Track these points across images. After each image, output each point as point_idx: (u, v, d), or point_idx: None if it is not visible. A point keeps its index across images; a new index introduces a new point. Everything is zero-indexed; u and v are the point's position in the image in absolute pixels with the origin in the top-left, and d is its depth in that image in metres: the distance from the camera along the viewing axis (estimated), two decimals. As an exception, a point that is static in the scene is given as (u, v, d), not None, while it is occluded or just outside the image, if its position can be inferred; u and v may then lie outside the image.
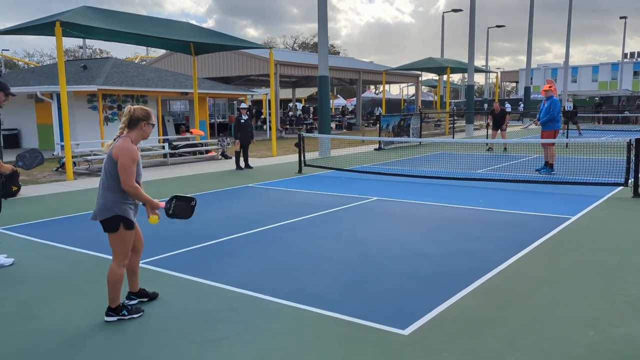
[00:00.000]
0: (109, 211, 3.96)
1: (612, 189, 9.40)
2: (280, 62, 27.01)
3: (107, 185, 3.97)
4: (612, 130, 27.00)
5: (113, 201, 3.96)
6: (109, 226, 4.00)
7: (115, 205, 3.97)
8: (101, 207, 3.97)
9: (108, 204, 3.96)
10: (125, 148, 3.92)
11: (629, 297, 4.42)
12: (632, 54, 71.91)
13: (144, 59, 43.99)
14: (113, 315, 4.08)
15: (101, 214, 3.98)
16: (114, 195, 3.97)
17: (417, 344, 3.61)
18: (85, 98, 19.14)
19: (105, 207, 3.96)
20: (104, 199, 3.97)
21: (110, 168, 3.95)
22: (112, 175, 3.95)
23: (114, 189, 3.96)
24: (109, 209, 3.96)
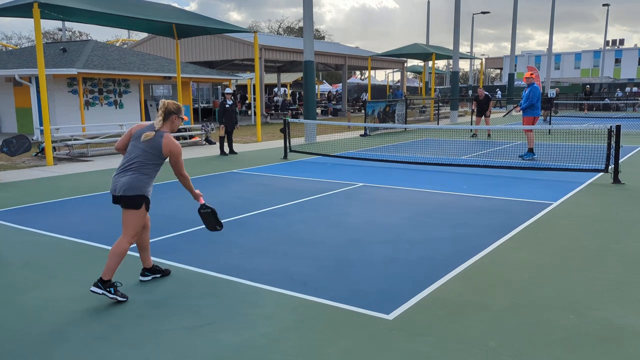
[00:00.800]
0: (137, 190, 4.23)
1: (592, 175, 9.54)
2: (265, 47, 26.75)
3: (143, 169, 4.26)
4: (593, 117, 27.32)
5: (144, 183, 4.27)
6: (133, 203, 4.24)
7: (144, 187, 4.28)
8: (130, 185, 4.20)
9: (139, 184, 4.24)
10: (174, 145, 4.31)
11: (608, 281, 4.50)
12: (613, 42, 72.69)
13: (125, 42, 43.23)
14: (101, 288, 4.12)
15: (130, 191, 4.20)
16: (147, 178, 4.28)
17: (401, 329, 3.64)
18: (65, 82, 18.78)
19: (135, 186, 4.22)
20: (136, 179, 4.22)
21: (154, 158, 4.29)
22: (152, 163, 4.29)
23: (148, 174, 4.29)
24: (138, 188, 4.23)
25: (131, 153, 4.31)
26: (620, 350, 3.31)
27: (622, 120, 23.08)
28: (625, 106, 34.59)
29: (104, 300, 4.18)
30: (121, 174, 4.27)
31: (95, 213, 7.25)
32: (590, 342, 3.42)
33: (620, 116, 27.91)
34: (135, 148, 4.29)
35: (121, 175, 4.26)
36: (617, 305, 4.00)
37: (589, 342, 3.43)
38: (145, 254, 4.62)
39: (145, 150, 4.26)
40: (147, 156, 4.26)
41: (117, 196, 4.25)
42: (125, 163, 4.30)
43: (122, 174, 4.26)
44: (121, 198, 4.23)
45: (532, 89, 11.70)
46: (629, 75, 66.41)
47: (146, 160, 4.26)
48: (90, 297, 4.26)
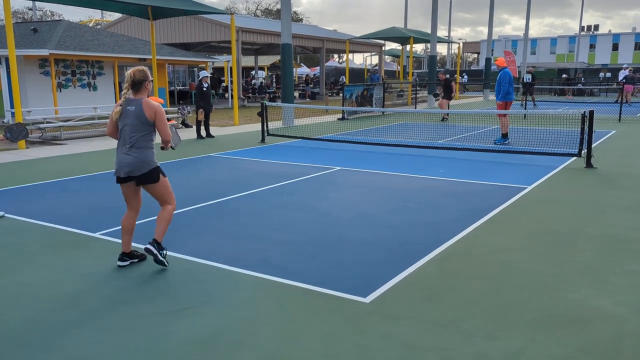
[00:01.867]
0: (150, 164, 4.41)
1: (566, 160, 9.72)
2: (242, 29, 26.38)
3: (143, 143, 4.38)
4: (568, 102, 27.75)
5: (152, 155, 4.44)
6: (152, 177, 4.43)
7: (153, 159, 4.45)
8: (141, 163, 4.36)
9: (148, 159, 4.40)
10: (156, 107, 4.38)
11: (579, 263, 4.61)
12: (588, 27, 73.67)
13: (99, 22, 42.16)
14: (156, 248, 4.40)
15: (143, 168, 4.38)
16: (151, 150, 4.44)
17: (377, 312, 3.68)
18: (37, 63, 18.26)
19: (146, 162, 4.38)
20: (144, 155, 4.37)
21: (144, 127, 4.36)
22: (147, 133, 4.39)
23: (149, 146, 4.43)
24: (150, 163, 4.41)
25: (124, 132, 4.39)
26: (591, 331, 3.41)
27: (596, 105, 23.53)
28: (599, 91, 35.20)
29: (78, 286, 4.14)
30: (124, 155, 4.38)
31: (68, 197, 7.12)
32: (561, 324, 3.52)
33: (594, 101, 28.42)
34: (125, 126, 4.37)
35: (125, 157, 4.37)
36: (588, 287, 4.12)
37: (560, 323, 3.53)
38: (128, 237, 4.60)
39: (134, 125, 4.35)
40: (139, 128, 4.35)
41: (132, 177, 4.38)
42: (123, 143, 4.40)
43: (125, 155, 4.37)
44: (136, 178, 4.39)
45: (502, 74, 11.87)
46: (603, 61, 67.51)
47: (139, 134, 4.36)
48: (65, 282, 4.21)
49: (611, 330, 3.42)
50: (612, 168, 9.04)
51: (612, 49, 70.68)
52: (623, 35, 71.18)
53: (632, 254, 4.83)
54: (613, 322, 3.53)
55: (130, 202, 4.57)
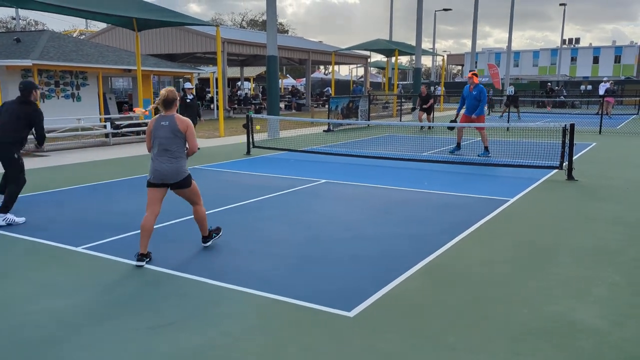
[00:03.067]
0: (184, 172, 5.08)
1: (548, 172, 9.86)
2: (227, 40, 26.43)
3: (177, 154, 5.00)
4: (550, 114, 28.20)
5: (183, 163, 5.07)
6: (185, 183, 5.10)
7: (186, 167, 5.12)
8: (178, 171, 5.01)
9: (183, 168, 5.06)
10: (187, 121, 5.05)
11: (561, 275, 4.68)
12: (570, 41, 75.09)
13: (83, 32, 41.94)
14: (208, 240, 5.38)
15: (179, 176, 5.03)
16: (184, 160, 5.08)
17: (361, 326, 3.69)
18: (19, 73, 18.09)
19: (182, 170, 5.04)
20: (179, 164, 5.02)
21: (177, 138, 4.97)
22: (180, 145, 5.01)
23: (183, 156, 5.06)
24: (184, 171, 5.08)
25: (161, 145, 4.95)
26: (572, 344, 3.46)
27: (577, 117, 23.93)
28: (580, 103, 35.81)
29: (60, 301, 4.09)
30: (160, 164, 4.95)
31: (50, 210, 7.04)
32: (542, 336, 3.56)
33: (576, 113, 28.90)
34: (161, 139, 4.95)
35: (161, 165, 4.95)
36: (569, 299, 4.17)
37: (541, 336, 3.57)
38: (146, 240, 4.99)
39: (168, 137, 4.95)
40: (173, 140, 4.96)
41: (167, 184, 5.02)
42: (159, 154, 4.97)
43: (162, 164, 4.95)
44: (175, 185, 5.04)
45: (482, 91, 12.08)
46: (584, 74, 68.80)
47: (174, 144, 4.96)
48: (46, 297, 4.15)
49: (592, 342, 3.47)
50: (593, 180, 9.20)
51: (593, 62, 72.08)
52: (603, 49, 72.68)
53: (613, 266, 4.91)
54: (594, 335, 3.58)
55: (153, 206, 5.04)
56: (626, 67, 68.73)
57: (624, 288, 4.40)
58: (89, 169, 10.50)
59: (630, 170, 10.28)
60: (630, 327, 3.69)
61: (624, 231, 6.07)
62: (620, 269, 4.85)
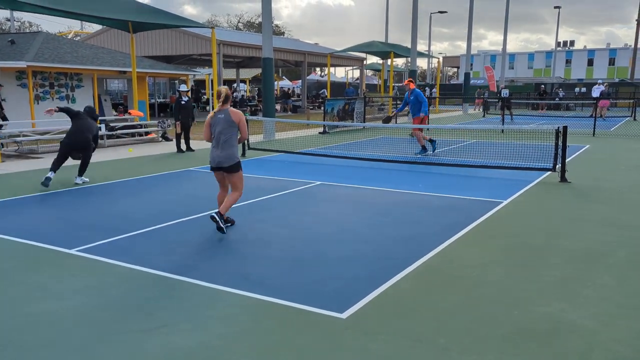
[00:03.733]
0: (235, 158, 5.96)
1: (541, 174, 9.91)
2: (223, 42, 26.44)
3: (232, 142, 5.94)
4: (544, 117, 28.31)
5: (235, 151, 5.98)
6: (235, 168, 5.96)
7: (237, 154, 6.01)
8: (229, 157, 5.92)
9: (234, 154, 5.96)
10: (239, 113, 6.01)
11: (552, 277, 4.71)
12: (564, 43, 75.42)
13: (78, 34, 41.86)
14: (219, 220, 5.79)
15: (230, 161, 5.93)
16: (235, 147, 6.00)
17: (354, 327, 3.71)
18: (14, 75, 18.04)
19: (233, 156, 5.94)
20: (231, 151, 5.93)
21: (231, 128, 5.93)
22: (233, 135, 5.96)
23: (235, 144, 5.98)
24: (235, 157, 5.96)
25: (218, 134, 5.89)
26: (562, 345, 3.49)
27: (571, 119, 24.05)
28: (575, 106, 35.98)
29: (52, 304, 4.09)
30: (218, 151, 5.91)
31: (44, 213, 7.04)
32: (533, 337, 3.59)
33: (570, 115, 29.04)
34: (218, 129, 5.90)
35: (219, 152, 5.90)
36: (560, 300, 4.20)
37: (532, 336, 3.60)
38: (222, 201, 6.13)
39: (224, 127, 5.88)
40: (228, 130, 5.89)
41: (222, 167, 5.92)
42: (217, 142, 5.92)
43: (219, 150, 5.90)
44: (226, 168, 5.91)
45: (419, 94, 12.94)
46: (578, 76, 69.12)
47: (230, 135, 5.91)
48: (39, 299, 4.16)
49: (581, 343, 3.50)
50: (586, 182, 9.25)
51: (588, 64, 72.47)
52: (598, 51, 73.09)
53: (604, 268, 4.95)
54: (583, 335, 3.61)
55: (222, 184, 6.19)
56: (620, 69, 69.09)
57: (614, 289, 4.43)
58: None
59: (623, 173, 10.35)
60: (619, 328, 3.72)
61: (615, 233, 6.11)
62: (610, 270, 4.89)
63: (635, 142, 15.67)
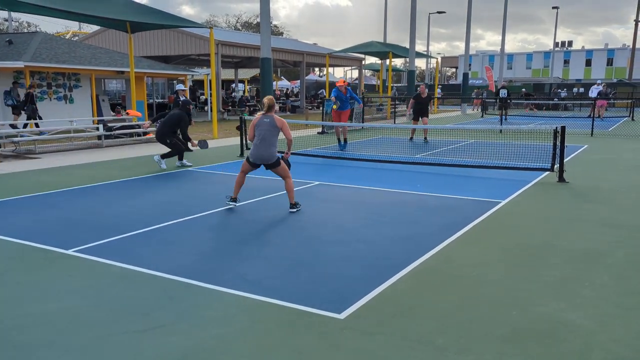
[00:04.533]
0: (275, 156, 7.01)
1: (539, 174, 9.91)
2: (221, 42, 26.42)
3: (273, 141, 6.99)
4: (542, 117, 28.34)
5: (276, 149, 7.04)
6: (275, 164, 7.01)
7: (276, 151, 7.06)
8: (271, 155, 6.98)
9: (274, 152, 7.01)
10: (282, 120, 7.07)
11: (550, 277, 4.70)
12: (562, 43, 75.54)
13: (76, 34, 41.80)
14: (294, 208, 7.04)
15: (272, 158, 6.98)
16: (276, 147, 7.03)
17: (352, 328, 3.70)
18: (11, 75, 18.02)
19: (274, 154, 7.00)
20: (273, 150, 6.99)
21: (274, 132, 6.99)
22: (275, 136, 7.00)
23: (275, 144, 7.03)
24: (275, 155, 7.02)
25: (261, 135, 6.90)
26: (560, 345, 3.48)
27: (569, 120, 24.06)
28: (573, 106, 36.01)
29: (48, 305, 4.07)
30: (261, 149, 6.92)
31: (42, 213, 7.01)
32: (531, 337, 3.57)
33: (568, 115, 29.05)
34: (262, 131, 6.92)
35: (262, 150, 6.92)
36: (558, 300, 4.19)
37: (530, 337, 3.58)
38: (238, 189, 7.34)
39: (268, 130, 6.92)
40: (271, 133, 6.93)
41: (263, 163, 6.99)
42: (260, 141, 6.93)
43: (262, 149, 6.92)
44: (270, 165, 6.99)
45: (351, 90, 14.39)
46: (576, 76, 69.22)
47: (272, 137, 6.95)
48: (35, 301, 4.14)
49: (580, 343, 3.49)
50: (584, 182, 9.25)
51: (586, 65, 72.56)
52: (596, 51, 73.19)
53: (602, 268, 4.94)
54: (582, 335, 3.60)
55: (244, 172, 7.19)
56: (618, 69, 69.20)
57: (613, 289, 4.43)
58: (81, 171, 10.46)
59: (621, 173, 10.35)
60: (618, 328, 3.71)
61: (613, 233, 6.11)
62: (609, 270, 4.88)
63: (634, 142, 15.68)
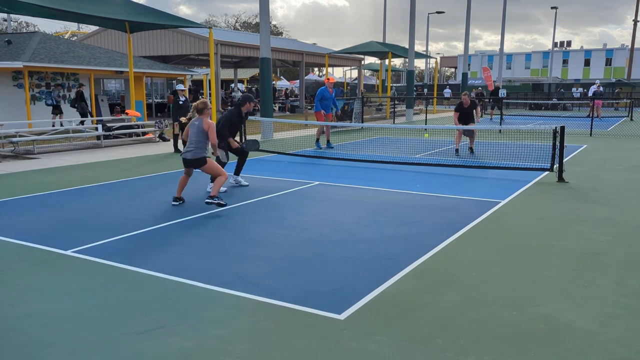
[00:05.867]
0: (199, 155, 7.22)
1: (539, 174, 9.91)
2: (221, 42, 26.40)
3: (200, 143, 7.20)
4: (540, 117, 28.34)
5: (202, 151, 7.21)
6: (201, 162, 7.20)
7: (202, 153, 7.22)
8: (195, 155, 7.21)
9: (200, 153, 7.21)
10: (211, 123, 7.18)
11: (550, 277, 4.70)
12: (561, 43, 75.57)
13: (75, 34, 41.75)
14: (212, 200, 6.99)
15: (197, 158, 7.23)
16: (202, 149, 7.21)
17: (352, 328, 3.69)
18: (10, 75, 18.01)
19: (198, 155, 7.23)
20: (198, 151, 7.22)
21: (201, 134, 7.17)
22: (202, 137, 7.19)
23: (203, 146, 7.16)
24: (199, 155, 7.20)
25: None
26: (560, 345, 3.47)
27: (568, 120, 24.07)
28: (572, 106, 36.04)
29: (48, 305, 4.06)
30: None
31: (40, 213, 7.00)
32: (531, 338, 3.57)
33: (567, 115, 29.06)
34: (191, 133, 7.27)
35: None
36: (558, 301, 4.19)
37: (530, 337, 3.58)
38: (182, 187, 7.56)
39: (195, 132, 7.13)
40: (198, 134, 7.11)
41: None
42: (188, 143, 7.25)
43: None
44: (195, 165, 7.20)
45: (336, 91, 14.45)
46: (575, 76, 69.26)
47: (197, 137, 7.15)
48: (35, 300, 4.13)
49: (580, 343, 3.49)
50: (584, 182, 9.25)
51: (584, 65, 72.59)
52: (594, 51, 73.23)
53: (601, 268, 4.94)
54: (582, 336, 3.59)
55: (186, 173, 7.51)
56: (617, 69, 69.24)
57: (612, 289, 4.42)
58: (80, 172, 10.44)
59: (620, 173, 10.35)
60: (617, 328, 3.71)
61: (613, 233, 6.10)
62: (608, 270, 4.88)
63: (632, 142, 15.68)
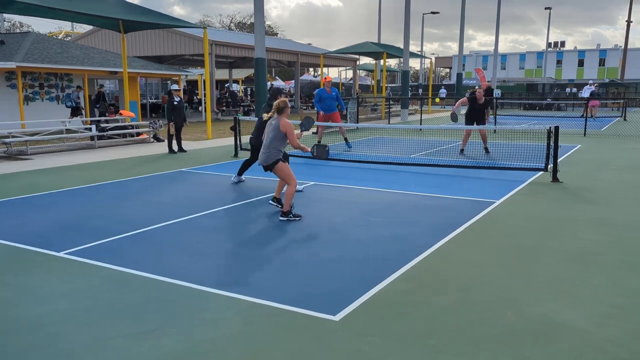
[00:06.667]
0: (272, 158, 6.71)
1: (533, 174, 9.92)
2: (215, 42, 26.35)
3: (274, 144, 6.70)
4: (535, 117, 28.43)
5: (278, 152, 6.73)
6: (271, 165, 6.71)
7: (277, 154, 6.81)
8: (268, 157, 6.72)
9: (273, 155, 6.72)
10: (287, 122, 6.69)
11: (544, 277, 4.70)
12: (555, 44, 75.85)
13: (68, 34, 41.56)
14: (285, 216, 6.55)
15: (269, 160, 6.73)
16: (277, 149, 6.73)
17: (346, 329, 3.68)
18: (3, 76, 17.90)
19: (271, 157, 6.73)
20: (271, 152, 6.72)
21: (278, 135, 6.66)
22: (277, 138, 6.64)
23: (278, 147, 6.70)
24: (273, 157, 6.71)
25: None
26: (555, 345, 3.47)
27: (562, 120, 24.15)
28: (566, 106, 36.18)
29: (39, 308, 4.02)
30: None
31: (33, 215, 6.95)
32: (526, 338, 3.56)
33: (561, 115, 29.16)
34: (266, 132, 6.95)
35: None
36: (553, 301, 4.19)
37: (525, 337, 3.57)
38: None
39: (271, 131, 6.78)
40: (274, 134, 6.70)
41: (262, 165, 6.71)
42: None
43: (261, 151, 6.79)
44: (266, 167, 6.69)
45: (337, 91, 14.11)
46: (569, 76, 69.51)
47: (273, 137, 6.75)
48: (25, 304, 4.09)
49: (575, 343, 3.49)
50: (578, 182, 9.27)
51: (578, 65, 72.86)
52: (588, 52, 73.52)
53: (596, 267, 4.94)
54: (576, 336, 3.59)
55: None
56: (610, 69, 69.57)
57: (607, 289, 4.43)
58: (74, 173, 10.38)
59: (614, 172, 10.39)
60: (612, 328, 3.71)
61: (607, 232, 6.12)
62: (603, 270, 4.88)
63: (626, 142, 15.75)
